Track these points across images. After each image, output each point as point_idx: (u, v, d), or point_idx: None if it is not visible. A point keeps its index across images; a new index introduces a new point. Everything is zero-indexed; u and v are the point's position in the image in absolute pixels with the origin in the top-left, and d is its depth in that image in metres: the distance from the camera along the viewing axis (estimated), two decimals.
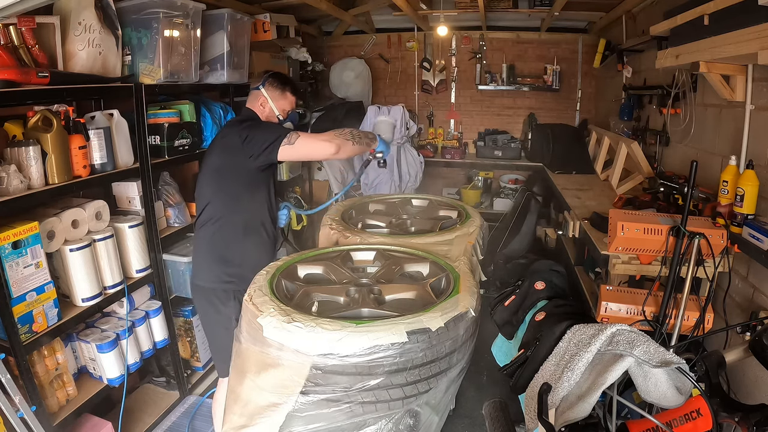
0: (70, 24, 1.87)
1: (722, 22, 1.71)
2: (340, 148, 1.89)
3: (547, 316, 1.37)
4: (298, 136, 1.83)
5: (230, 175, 1.87)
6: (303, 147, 1.84)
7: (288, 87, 2.07)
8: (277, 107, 2.05)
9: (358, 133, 2.00)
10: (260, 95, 2.03)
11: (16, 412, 1.66)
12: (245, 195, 1.91)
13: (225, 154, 1.87)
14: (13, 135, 1.74)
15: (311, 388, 1.35)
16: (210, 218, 1.90)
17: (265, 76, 2.06)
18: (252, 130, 1.85)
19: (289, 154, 1.83)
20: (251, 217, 1.94)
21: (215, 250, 1.91)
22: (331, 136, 1.90)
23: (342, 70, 4.95)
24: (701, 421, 0.92)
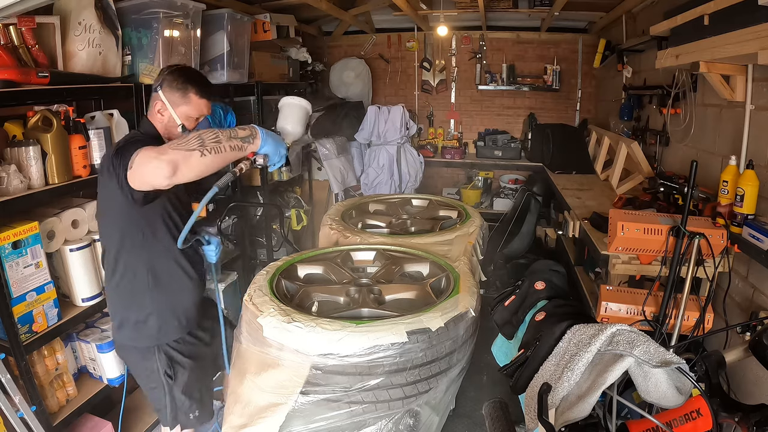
0: (70, 24, 1.87)
1: (722, 22, 1.71)
2: (177, 165, 1.27)
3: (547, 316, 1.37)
4: (137, 155, 1.31)
5: (115, 215, 1.49)
6: (138, 169, 1.31)
7: (191, 86, 1.54)
8: (179, 114, 1.55)
9: (215, 136, 1.35)
10: (157, 99, 1.55)
11: (16, 412, 1.66)
12: (139, 236, 1.51)
13: (104, 190, 1.49)
14: (13, 135, 1.74)
15: (311, 388, 1.35)
16: (110, 266, 1.55)
17: (164, 72, 1.56)
18: (120, 154, 1.37)
19: (135, 181, 1.34)
20: (156, 260, 1.55)
21: (125, 303, 1.58)
22: (163, 150, 1.30)
23: (342, 70, 4.95)
24: (701, 421, 0.92)
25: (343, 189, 4.29)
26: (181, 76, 1.55)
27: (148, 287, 1.55)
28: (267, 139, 1.45)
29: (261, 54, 3.32)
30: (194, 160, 1.30)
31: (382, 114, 4.34)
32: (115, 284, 1.57)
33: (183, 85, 1.54)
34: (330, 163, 4.19)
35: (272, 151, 1.47)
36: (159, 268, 1.56)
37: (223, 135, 1.36)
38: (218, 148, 1.34)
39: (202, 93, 1.57)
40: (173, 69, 1.57)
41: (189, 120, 1.59)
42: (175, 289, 1.60)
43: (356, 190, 4.51)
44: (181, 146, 1.30)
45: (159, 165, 1.26)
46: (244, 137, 1.41)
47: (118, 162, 1.36)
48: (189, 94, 1.55)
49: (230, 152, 1.37)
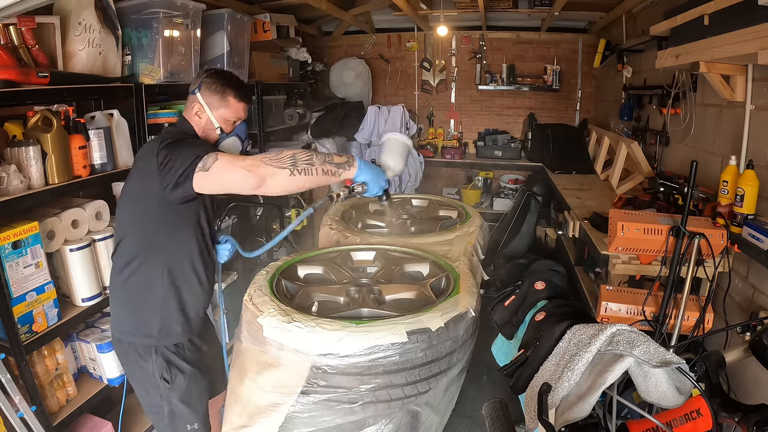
0: (70, 24, 1.87)
1: (722, 22, 1.71)
2: (264, 180, 1.32)
3: (547, 316, 1.37)
4: (216, 159, 1.34)
5: (145, 208, 1.48)
6: (219, 175, 1.34)
7: (230, 89, 1.57)
8: (217, 117, 1.57)
9: (308, 157, 1.39)
10: (195, 101, 1.57)
11: (16, 412, 1.66)
12: (164, 233, 1.51)
13: (141, 180, 1.48)
14: (13, 135, 1.74)
15: (311, 388, 1.35)
16: (124, 258, 1.53)
17: (202, 75, 1.59)
18: (172, 150, 1.39)
19: (206, 184, 1.36)
20: (175, 260, 1.54)
21: (130, 298, 1.55)
22: (256, 162, 1.34)
23: (342, 70, 4.95)
24: (701, 421, 0.92)
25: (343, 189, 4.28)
26: (220, 80, 1.57)
27: (161, 286, 1.52)
28: (364, 169, 1.47)
29: (261, 54, 3.32)
30: (282, 178, 1.34)
31: (382, 114, 4.34)
32: (126, 277, 1.53)
33: (222, 89, 1.56)
34: None
35: (371, 180, 1.49)
36: (176, 270, 1.54)
37: (317, 158, 1.39)
38: (309, 170, 1.37)
39: (240, 96, 1.59)
40: (212, 72, 1.59)
41: (227, 123, 1.60)
42: (185, 293, 1.57)
43: None
44: (274, 163, 1.35)
45: (247, 176, 1.32)
46: (339, 163, 1.43)
47: (171, 157, 1.36)
48: (227, 97, 1.57)
49: (321, 176, 1.40)
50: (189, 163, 1.34)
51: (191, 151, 1.37)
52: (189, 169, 1.34)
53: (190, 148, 1.39)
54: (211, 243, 1.64)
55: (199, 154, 1.35)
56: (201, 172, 1.34)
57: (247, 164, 1.33)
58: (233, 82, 1.59)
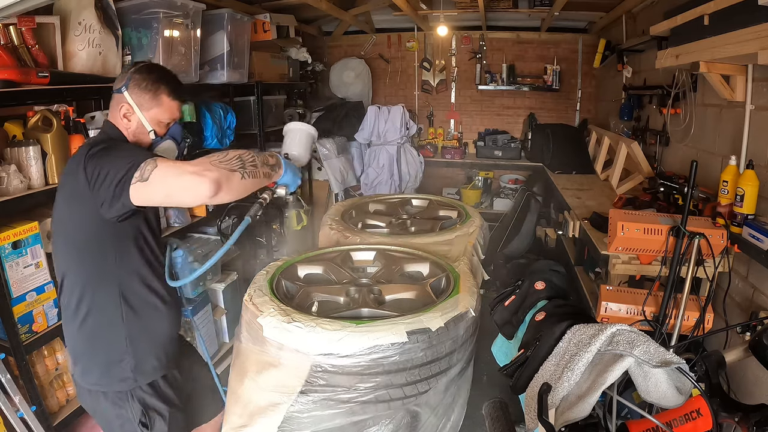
0: (70, 24, 1.87)
1: (722, 22, 1.71)
2: (220, 185, 1.15)
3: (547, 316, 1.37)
4: (155, 166, 1.14)
5: (83, 234, 1.28)
6: (162, 184, 1.15)
7: (163, 86, 1.38)
8: (148, 119, 1.38)
9: (252, 158, 1.28)
10: (122, 101, 1.36)
11: (16, 412, 1.66)
12: (109, 258, 1.30)
13: (71, 202, 1.28)
14: (13, 135, 1.74)
15: (311, 388, 1.35)
16: (73, 299, 1.32)
17: (129, 70, 1.38)
18: (101, 160, 1.19)
19: (147, 196, 1.16)
20: (127, 285, 1.34)
21: (92, 343, 1.35)
22: (205, 166, 1.16)
23: (342, 70, 4.95)
24: (701, 421, 0.92)
25: (343, 189, 4.29)
26: (152, 75, 1.37)
27: (122, 320, 1.34)
28: (287, 169, 1.41)
29: (261, 54, 3.32)
30: (235, 182, 1.20)
31: (382, 114, 4.34)
32: (81, 321, 1.33)
33: (153, 86, 1.37)
34: (330, 163, 4.19)
35: (291, 181, 1.44)
36: (132, 296, 1.35)
37: (258, 159, 1.30)
38: (255, 172, 1.26)
39: (175, 94, 1.41)
40: (141, 67, 1.39)
41: (160, 125, 1.42)
42: (151, 318, 1.39)
43: (356, 190, 4.51)
44: (224, 164, 1.19)
45: (200, 182, 1.13)
46: (273, 165, 1.37)
47: (100, 169, 1.18)
48: (160, 95, 1.38)
49: (262, 179, 1.31)
50: (123, 173, 1.15)
51: (124, 158, 1.18)
52: (124, 180, 1.14)
53: (122, 154, 1.21)
54: (161, 253, 1.45)
55: (134, 161, 1.15)
56: (139, 183, 1.14)
57: (195, 168, 1.14)
58: (166, 78, 1.40)
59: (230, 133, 2.83)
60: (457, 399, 1.61)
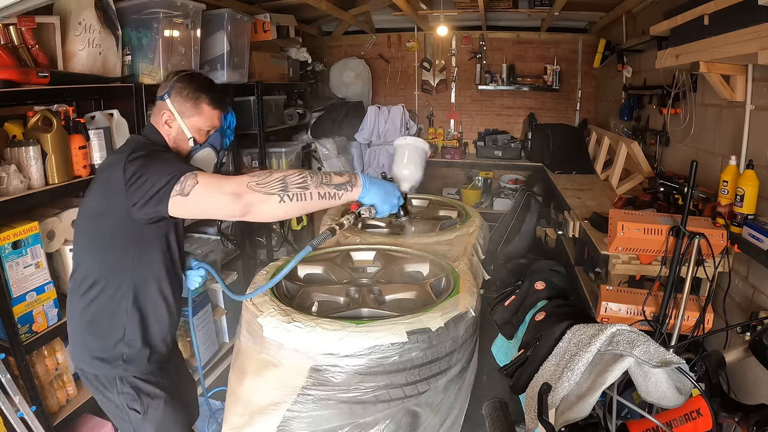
0: (70, 24, 1.87)
1: (722, 22, 1.71)
2: (250, 208, 1.17)
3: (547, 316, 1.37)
4: (196, 183, 1.18)
5: (109, 226, 1.32)
6: (200, 201, 1.18)
7: (204, 95, 1.42)
8: (189, 126, 1.42)
9: (301, 180, 1.21)
10: (165, 109, 1.41)
11: (16, 412, 1.66)
12: (129, 254, 1.35)
13: (104, 195, 1.31)
14: (13, 135, 1.74)
15: (311, 388, 1.35)
16: (85, 283, 1.36)
17: (172, 79, 1.42)
18: (143, 165, 1.23)
19: (183, 210, 1.21)
20: (141, 284, 1.38)
21: (91, 326, 1.39)
22: (242, 187, 1.17)
23: (342, 70, 4.95)
24: (701, 421, 0.92)
25: None
26: (193, 84, 1.41)
27: (126, 312, 1.37)
28: (370, 188, 1.27)
29: (261, 54, 3.32)
30: (270, 205, 1.18)
31: (382, 114, 4.35)
32: (86, 303, 1.37)
33: (195, 95, 1.41)
34: (330, 163, 4.19)
35: (379, 201, 1.29)
36: (142, 294, 1.39)
37: (312, 180, 1.21)
38: (303, 194, 1.20)
39: (215, 103, 1.44)
40: (183, 76, 1.43)
41: (200, 133, 1.46)
42: (152, 319, 1.42)
43: None
44: (261, 188, 1.17)
45: (232, 204, 1.16)
46: (339, 184, 1.24)
47: (141, 174, 1.21)
48: (201, 104, 1.42)
49: (317, 201, 1.22)
50: (164, 184, 1.18)
51: (166, 168, 1.21)
52: (164, 191, 1.18)
53: (164, 165, 1.24)
54: (180, 266, 1.49)
55: (175, 174, 1.19)
56: (179, 196, 1.18)
57: (232, 190, 1.17)
58: (207, 87, 1.44)
59: (230, 133, 2.83)
60: (457, 399, 1.61)
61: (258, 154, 3.26)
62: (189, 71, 1.48)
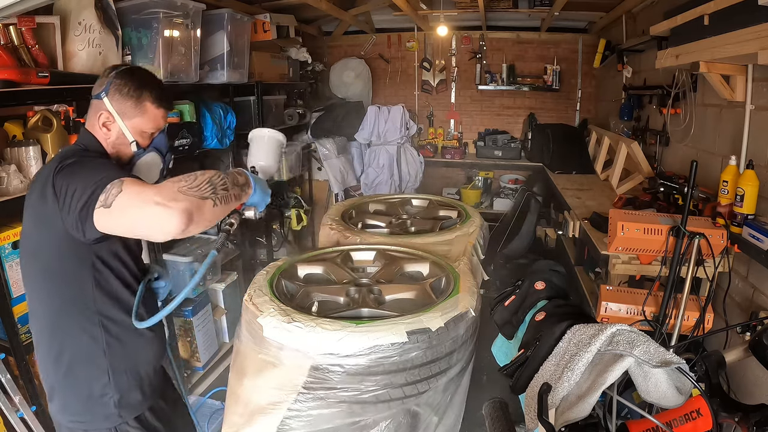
0: (70, 24, 1.87)
1: (722, 22, 1.71)
2: (191, 217, 0.98)
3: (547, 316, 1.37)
4: (120, 191, 0.98)
5: (57, 257, 1.13)
6: (123, 214, 0.98)
7: (147, 92, 1.24)
8: (131, 128, 1.25)
9: (223, 181, 1.10)
10: (101, 109, 1.23)
11: (16, 412, 1.66)
12: (87, 282, 1.16)
13: (41, 219, 1.12)
14: (13, 135, 1.74)
15: (311, 388, 1.35)
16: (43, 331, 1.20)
17: (110, 74, 1.24)
18: (69, 176, 1.05)
19: (111, 225, 1.01)
20: (108, 312, 1.20)
21: (67, 376, 1.21)
22: (171, 193, 0.98)
23: (342, 70, 4.95)
24: (701, 421, 0.92)
25: (343, 189, 4.29)
26: (134, 80, 1.23)
27: (103, 352, 1.20)
28: (256, 186, 1.21)
29: (261, 54, 3.32)
30: (207, 210, 1.02)
31: (382, 114, 4.35)
32: (56, 356, 1.19)
33: (136, 92, 1.23)
34: (330, 163, 4.19)
35: (260, 200, 1.24)
36: (112, 324, 1.21)
37: (229, 180, 1.13)
38: (227, 196, 1.09)
39: (160, 102, 1.27)
40: (122, 71, 1.25)
41: (143, 135, 1.28)
42: (136, 347, 1.26)
43: (356, 190, 4.52)
44: (194, 191, 1.01)
45: (169, 214, 0.95)
46: (242, 185, 1.18)
47: (68, 186, 1.03)
48: (144, 102, 1.24)
49: (233, 202, 1.13)
50: (89, 195, 0.99)
51: (92, 175, 1.02)
52: (89, 203, 0.99)
53: (92, 172, 1.04)
54: (142, 276, 1.31)
55: (101, 181, 0.99)
56: (102, 208, 0.98)
57: (163, 196, 0.96)
58: (151, 84, 1.26)
59: (230, 133, 2.83)
60: (457, 399, 1.61)
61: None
62: (128, 65, 1.32)
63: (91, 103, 1.26)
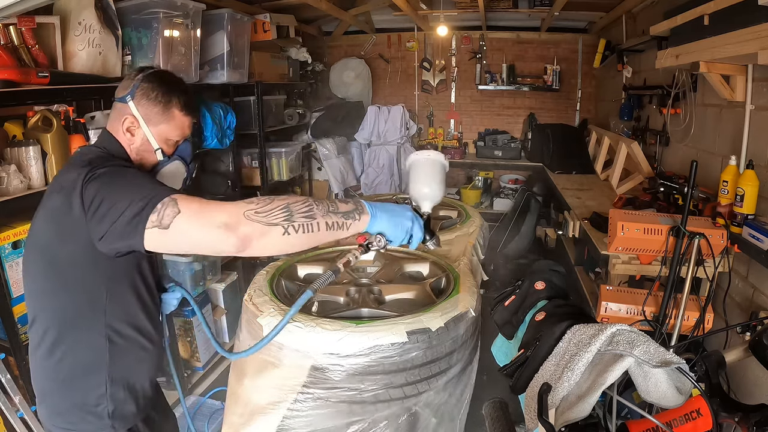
0: (70, 24, 1.87)
1: (722, 22, 1.71)
2: (249, 242, 0.93)
3: (547, 316, 1.37)
4: (177, 212, 0.94)
5: (69, 262, 1.08)
6: (185, 234, 0.94)
7: (176, 99, 1.20)
8: (156, 135, 1.20)
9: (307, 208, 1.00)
10: (126, 113, 1.18)
11: (16, 412, 1.66)
12: (98, 292, 1.13)
13: (60, 223, 1.06)
14: (13, 135, 1.74)
15: (311, 388, 1.35)
16: (45, 337, 1.15)
17: (136, 77, 1.19)
18: (106, 186, 1.01)
19: (163, 245, 0.97)
20: (115, 325, 1.17)
21: (64, 385, 1.18)
22: (237, 215, 0.93)
23: (342, 70, 4.95)
24: (701, 421, 0.92)
25: (343, 189, 4.29)
26: (163, 86, 1.18)
27: (105, 363, 1.17)
28: (378, 213, 1.08)
29: (261, 54, 3.32)
30: (273, 238, 0.95)
31: (382, 114, 4.35)
32: (56, 362, 1.15)
33: (165, 97, 1.18)
34: (330, 163, 4.19)
35: (389, 228, 1.09)
36: (119, 337, 1.18)
37: (318, 208, 1.01)
38: (309, 225, 0.99)
39: (188, 109, 1.22)
40: (151, 74, 1.19)
41: (168, 143, 1.23)
42: (137, 359, 1.23)
43: (356, 190, 4.52)
44: (261, 216, 0.94)
45: (226, 237, 0.91)
46: (346, 212, 1.05)
47: (104, 198, 0.98)
48: (172, 109, 1.19)
49: (325, 232, 1.02)
50: (136, 213, 0.94)
51: (136, 191, 0.97)
52: (136, 222, 0.94)
53: (133, 186, 1.00)
54: (156, 292, 1.28)
55: (151, 199, 0.94)
56: (157, 229, 0.93)
57: (224, 220, 0.92)
58: (180, 89, 1.21)
59: (230, 133, 2.83)
60: (457, 399, 1.61)
61: (258, 154, 3.26)
62: (155, 68, 1.24)
63: (115, 105, 1.20)
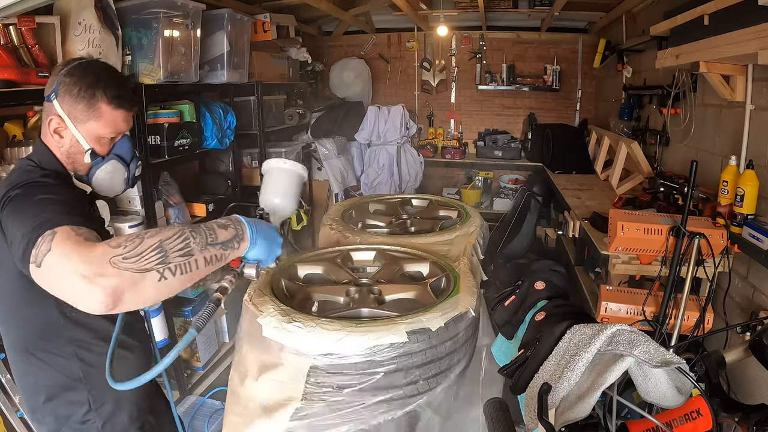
0: (70, 24, 1.87)
1: (722, 22, 1.71)
2: (120, 297, 0.77)
3: (547, 316, 1.37)
4: (48, 249, 0.81)
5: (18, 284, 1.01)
6: (49, 279, 0.82)
7: (101, 91, 1.07)
8: (85, 134, 1.09)
9: (183, 243, 0.86)
10: (52, 113, 1.08)
11: (16, 412, 1.66)
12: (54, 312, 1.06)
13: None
14: (13, 135, 1.74)
15: (311, 388, 1.35)
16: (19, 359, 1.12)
17: (60, 72, 1.08)
18: (13, 212, 0.92)
19: (42, 284, 0.83)
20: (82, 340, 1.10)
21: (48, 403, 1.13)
22: (102, 266, 0.77)
23: (342, 70, 4.95)
24: (701, 421, 0.92)
25: (343, 189, 4.29)
26: (86, 79, 1.06)
27: (80, 380, 1.10)
28: (257, 238, 0.99)
29: (261, 54, 3.32)
30: (148, 286, 0.80)
31: (382, 114, 4.35)
32: (33, 383, 1.12)
33: (88, 92, 1.06)
34: (330, 163, 4.19)
35: (264, 254, 1.04)
36: (88, 353, 1.10)
37: (195, 241, 0.87)
38: (187, 265, 0.85)
39: (117, 101, 1.09)
40: (74, 67, 1.07)
41: (100, 142, 1.11)
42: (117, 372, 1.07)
43: (356, 190, 4.52)
44: (130, 261, 0.79)
45: (92, 291, 0.76)
46: (225, 242, 0.93)
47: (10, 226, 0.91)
48: (98, 103, 1.07)
49: (204, 268, 0.89)
50: (24, 247, 0.84)
51: (28, 221, 0.86)
52: (24, 258, 0.84)
53: (32, 210, 0.89)
54: None
55: (34, 231, 0.83)
56: (33, 266, 0.82)
57: (90, 270, 0.76)
58: (106, 80, 1.09)
59: (230, 133, 2.83)
60: (457, 399, 1.61)
61: (258, 154, 3.27)
62: (81, 59, 1.12)
63: (43, 106, 1.10)
